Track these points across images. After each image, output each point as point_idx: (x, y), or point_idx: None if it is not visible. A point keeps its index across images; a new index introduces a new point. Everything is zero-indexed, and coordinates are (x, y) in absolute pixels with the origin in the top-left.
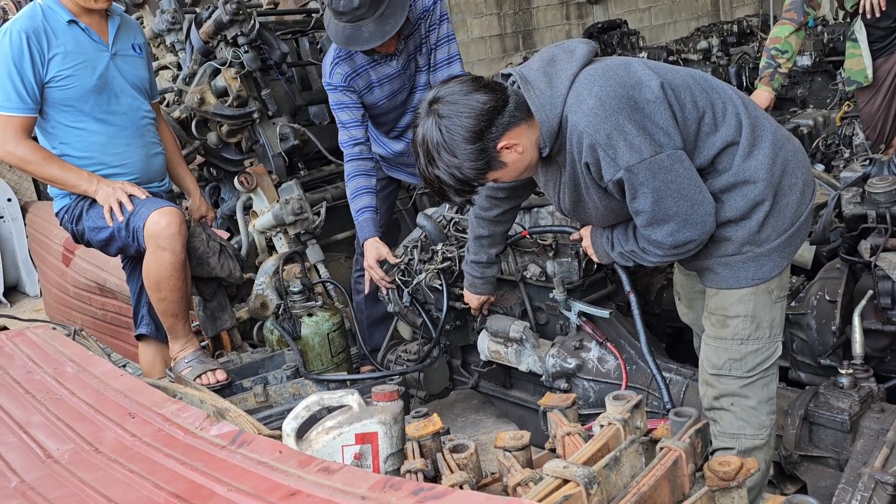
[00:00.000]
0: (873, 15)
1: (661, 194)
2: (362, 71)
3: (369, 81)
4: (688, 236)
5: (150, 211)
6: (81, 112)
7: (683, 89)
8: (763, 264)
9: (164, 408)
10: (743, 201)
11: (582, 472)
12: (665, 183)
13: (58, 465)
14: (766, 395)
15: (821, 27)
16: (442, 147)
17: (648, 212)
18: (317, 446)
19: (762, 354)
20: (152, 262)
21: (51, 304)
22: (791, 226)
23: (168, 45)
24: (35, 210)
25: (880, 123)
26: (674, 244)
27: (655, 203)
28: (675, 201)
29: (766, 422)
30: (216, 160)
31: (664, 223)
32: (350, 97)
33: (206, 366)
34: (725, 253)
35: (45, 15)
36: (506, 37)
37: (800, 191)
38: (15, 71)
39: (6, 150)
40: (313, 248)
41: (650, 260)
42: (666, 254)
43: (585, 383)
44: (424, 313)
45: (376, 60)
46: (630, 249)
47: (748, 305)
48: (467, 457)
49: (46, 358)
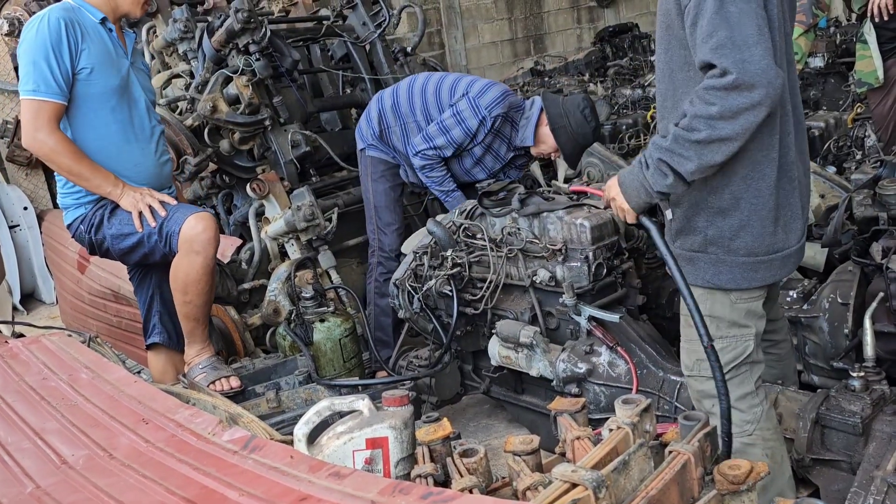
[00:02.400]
0: (881, 17)
1: (743, 17)
2: (500, 138)
3: (491, 143)
4: (762, 70)
5: (186, 215)
6: (103, 110)
7: None
8: (722, 272)
9: (178, 413)
10: (729, 195)
11: (590, 476)
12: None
13: (72, 471)
14: (741, 392)
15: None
16: None
17: (724, 34)
18: (328, 451)
19: (729, 353)
20: (184, 264)
21: (66, 312)
22: (765, 254)
23: (180, 53)
24: (51, 218)
25: (892, 124)
26: (743, 78)
27: (735, 23)
28: (757, 30)
29: (749, 417)
30: (228, 167)
31: (742, 48)
32: (479, 136)
33: (220, 372)
34: (692, 248)
35: (76, 10)
36: (517, 41)
37: (783, 228)
38: (52, 55)
39: (38, 138)
40: (325, 253)
41: (693, 139)
42: (722, 107)
43: (596, 388)
44: (435, 319)
45: (519, 153)
46: (674, 136)
47: (706, 305)
48: (477, 461)
49: (61, 364)
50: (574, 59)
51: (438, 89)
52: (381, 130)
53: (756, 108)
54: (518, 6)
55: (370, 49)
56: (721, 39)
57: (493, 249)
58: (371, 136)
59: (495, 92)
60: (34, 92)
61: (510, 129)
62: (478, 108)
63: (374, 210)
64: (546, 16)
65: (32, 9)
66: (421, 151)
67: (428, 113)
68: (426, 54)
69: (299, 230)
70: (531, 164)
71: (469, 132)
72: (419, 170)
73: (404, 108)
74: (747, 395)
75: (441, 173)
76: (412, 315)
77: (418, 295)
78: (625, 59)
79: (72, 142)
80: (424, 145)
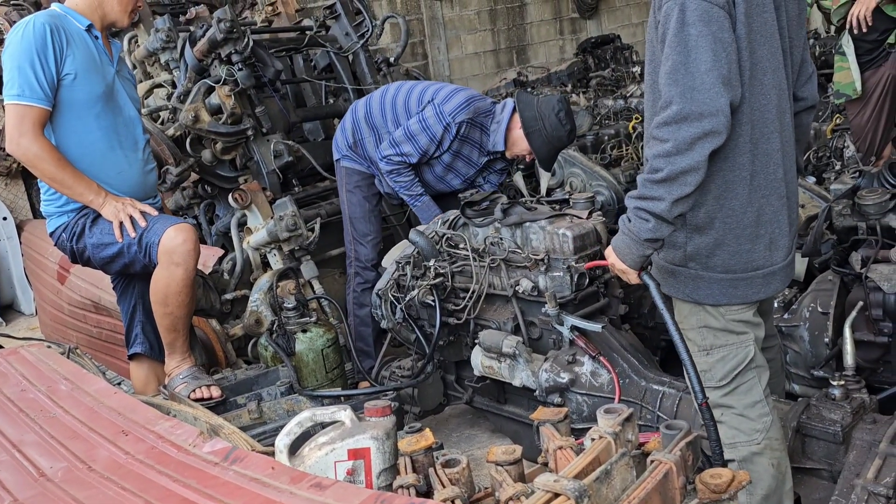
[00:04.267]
0: (860, 29)
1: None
2: (470, 144)
3: (460, 149)
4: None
5: (166, 227)
6: (87, 117)
7: None
8: (700, 287)
9: (158, 425)
10: (703, 214)
11: (573, 486)
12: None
13: (51, 484)
14: (750, 400)
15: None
16: None
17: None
18: (309, 462)
19: (731, 361)
20: (163, 276)
21: (46, 323)
22: (743, 271)
23: (162, 63)
24: (30, 228)
25: (870, 135)
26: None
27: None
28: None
29: (758, 425)
30: (210, 177)
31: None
32: (445, 145)
33: (201, 381)
34: (673, 261)
35: (63, 17)
36: (500, 52)
37: (765, 245)
38: (37, 60)
39: (22, 144)
40: (307, 264)
41: (656, 178)
42: (676, 140)
43: (579, 397)
44: (418, 329)
45: (495, 157)
46: (641, 181)
47: (699, 317)
48: (459, 471)
49: (40, 376)
50: (556, 69)
51: (408, 98)
52: (354, 141)
53: (709, 136)
54: (501, 17)
55: (353, 59)
56: (675, 64)
57: (476, 259)
58: (346, 147)
59: (460, 98)
60: (19, 97)
61: (480, 134)
62: (442, 115)
63: (350, 221)
64: (529, 27)
65: (13, 17)
66: (387, 156)
67: (398, 122)
68: (409, 65)
69: (282, 240)
70: (515, 169)
71: (434, 139)
72: (386, 174)
73: (377, 119)
74: (756, 404)
75: (408, 178)
76: (395, 325)
77: (401, 305)
78: (607, 69)
79: (56, 148)
80: (391, 150)
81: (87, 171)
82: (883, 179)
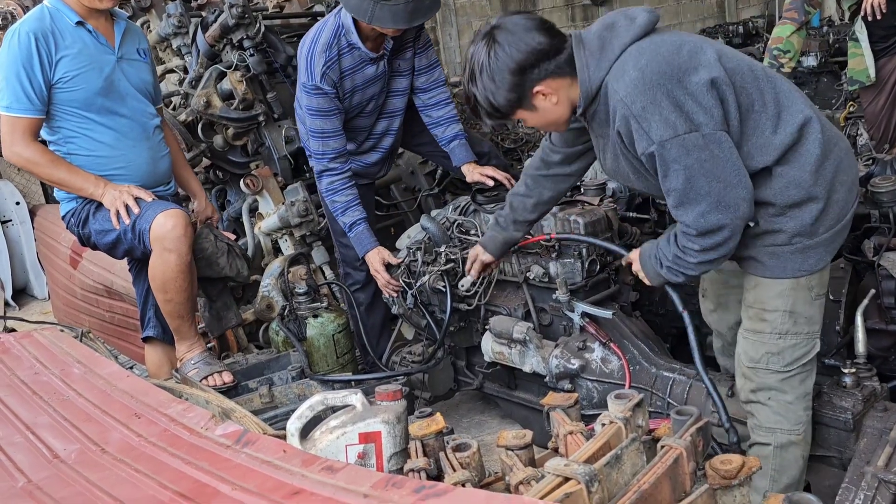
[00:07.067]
0: (874, 16)
1: (693, 172)
2: (348, 74)
3: (354, 85)
4: (719, 220)
5: (156, 213)
6: (88, 114)
7: (747, 80)
8: (809, 256)
9: (170, 408)
10: (795, 191)
11: (583, 471)
12: (698, 161)
13: (64, 465)
14: (803, 391)
15: (826, 27)
16: (486, 70)
17: (679, 190)
18: (321, 446)
19: (800, 349)
20: (158, 263)
21: (58, 307)
22: (838, 222)
23: (174, 48)
24: (43, 213)
25: (884, 123)
26: (704, 228)
27: (687, 181)
28: (707, 181)
29: (803, 417)
30: (222, 163)
31: (694, 203)
32: (336, 104)
33: (213, 367)
34: (775, 243)
35: (52, 17)
36: None
37: (847, 189)
38: (23, 72)
39: (14, 151)
40: (318, 249)
41: (690, 261)
42: (700, 246)
43: (589, 384)
44: (428, 315)
45: (365, 62)
46: (673, 255)
47: (788, 301)
48: (470, 455)
49: (54, 359)
50: None
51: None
52: None
53: (731, 236)
54: (512, 3)
55: None
56: (679, 197)
57: None
58: None
59: (303, 65)
60: (7, 109)
61: (349, 56)
62: (307, 91)
63: (331, 217)
64: (540, 13)
65: (26, 2)
66: (318, 172)
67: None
68: None
69: (293, 226)
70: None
71: (321, 112)
72: (324, 192)
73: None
74: (806, 395)
75: (345, 197)
76: (406, 311)
77: (412, 291)
78: None
79: (48, 151)
80: (313, 160)
81: (94, 168)
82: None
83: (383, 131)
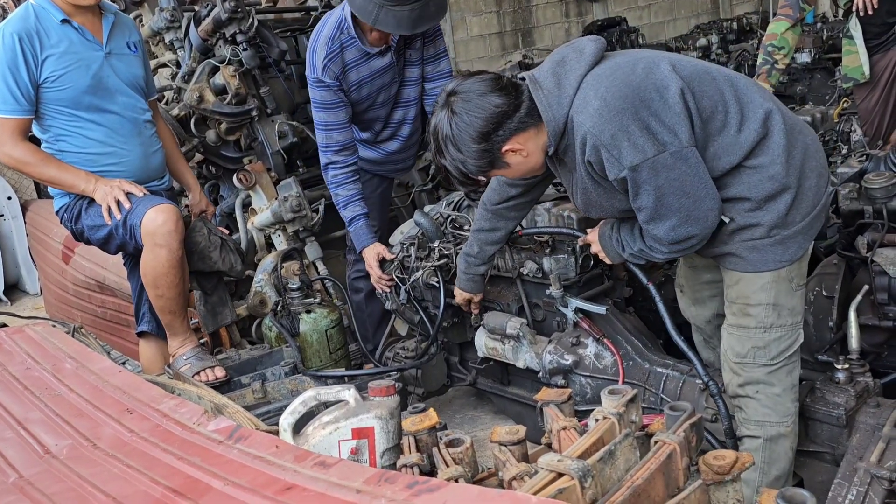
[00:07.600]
0: (866, 12)
1: (663, 191)
2: (352, 67)
3: (360, 77)
4: (689, 231)
5: (147, 208)
6: (77, 112)
7: (706, 85)
8: (789, 246)
9: (162, 404)
10: (769, 184)
11: (576, 466)
12: (668, 181)
13: (56, 461)
14: (790, 383)
15: (820, 24)
16: (450, 141)
17: (650, 208)
18: (313, 441)
19: (785, 342)
20: (149, 259)
21: (51, 302)
22: (813, 208)
23: (167, 42)
24: (35, 208)
25: (878, 119)
26: (674, 239)
27: (657, 200)
28: (677, 198)
29: (791, 409)
30: (215, 158)
31: (665, 219)
32: (340, 96)
33: (205, 363)
34: (754, 237)
35: (37, 16)
36: (505, 34)
37: (818, 174)
38: (9, 73)
39: (3, 152)
40: (312, 245)
41: (657, 257)
42: (670, 250)
43: (582, 379)
44: (422, 310)
45: (370, 54)
46: (638, 248)
47: (770, 293)
48: (463, 451)
49: (45, 355)
50: None
51: None
52: None
53: (701, 241)
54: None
55: None
56: (650, 214)
57: None
58: None
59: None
60: None
61: (353, 49)
62: (311, 84)
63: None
64: (534, 9)
65: None
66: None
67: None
68: None
69: (286, 221)
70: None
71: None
72: (328, 184)
73: None
74: (794, 387)
75: (348, 191)
76: (399, 306)
77: (405, 286)
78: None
79: (38, 149)
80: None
81: (85, 165)
82: (890, 163)
83: (400, 120)
